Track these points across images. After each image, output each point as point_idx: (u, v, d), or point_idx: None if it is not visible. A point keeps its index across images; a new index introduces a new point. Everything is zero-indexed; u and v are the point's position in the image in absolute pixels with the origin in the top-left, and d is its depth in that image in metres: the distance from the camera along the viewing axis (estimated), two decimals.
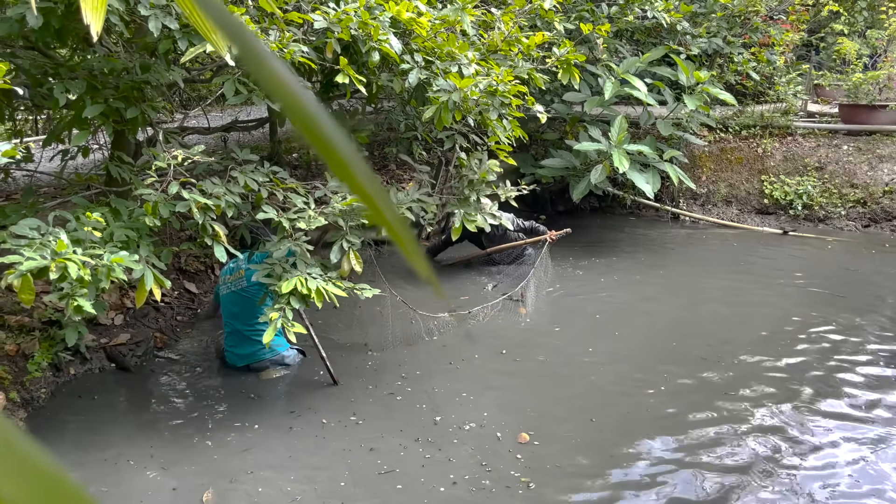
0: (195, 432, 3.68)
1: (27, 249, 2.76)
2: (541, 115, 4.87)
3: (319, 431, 3.68)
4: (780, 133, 8.31)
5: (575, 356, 4.56)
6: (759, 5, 8.09)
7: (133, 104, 3.63)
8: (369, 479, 3.28)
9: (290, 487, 3.22)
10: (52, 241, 2.81)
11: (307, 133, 0.27)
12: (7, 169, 4.08)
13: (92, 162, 5.77)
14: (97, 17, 0.80)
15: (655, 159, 6.94)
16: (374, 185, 0.29)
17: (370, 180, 0.29)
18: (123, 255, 2.96)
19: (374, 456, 3.45)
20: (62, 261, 2.76)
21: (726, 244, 7.16)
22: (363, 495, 3.16)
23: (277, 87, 0.27)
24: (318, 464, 3.40)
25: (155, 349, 4.66)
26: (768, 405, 3.88)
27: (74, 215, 3.14)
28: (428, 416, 3.82)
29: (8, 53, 3.76)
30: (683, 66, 6.96)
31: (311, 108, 0.27)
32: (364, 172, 0.28)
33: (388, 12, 3.97)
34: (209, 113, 7.07)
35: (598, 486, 3.22)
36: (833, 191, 7.72)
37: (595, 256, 6.69)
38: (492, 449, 3.49)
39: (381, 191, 0.30)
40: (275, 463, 3.41)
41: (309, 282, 3.53)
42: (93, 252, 2.92)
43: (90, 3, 0.81)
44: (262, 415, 3.86)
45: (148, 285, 3.14)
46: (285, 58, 3.51)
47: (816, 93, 9.66)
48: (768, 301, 5.48)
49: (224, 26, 0.29)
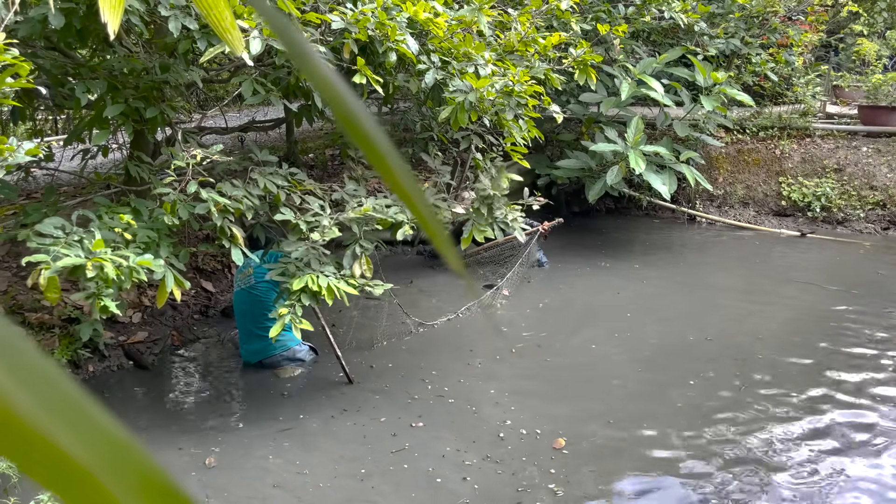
0: (211, 429, 3.71)
1: (62, 247, 2.80)
2: (557, 116, 4.86)
3: (336, 428, 3.70)
4: (798, 134, 8.24)
5: (592, 356, 4.55)
6: (777, 6, 8.03)
7: (152, 104, 3.67)
8: (393, 470, 3.29)
9: (312, 488, 3.23)
10: (87, 240, 2.85)
11: (347, 126, 0.28)
12: (28, 168, 4.13)
13: (111, 161, 5.82)
14: (115, 16, 0.81)
15: (672, 160, 6.91)
16: (409, 178, 0.30)
17: (406, 174, 0.29)
18: (148, 257, 3.01)
19: (391, 444, 3.46)
20: (98, 260, 2.81)
21: (743, 246, 7.11)
22: (388, 488, 3.18)
23: (321, 82, 0.28)
24: (340, 458, 3.42)
25: (172, 347, 4.70)
26: (800, 405, 3.85)
27: (97, 214, 3.18)
28: (449, 413, 3.83)
29: (30, 54, 3.81)
30: (700, 66, 6.92)
31: (352, 103, 0.28)
32: (400, 166, 0.29)
33: (405, 13, 3.98)
34: (226, 113, 7.12)
35: (631, 491, 3.21)
36: (852, 193, 7.65)
37: (610, 257, 6.67)
38: (528, 451, 3.49)
39: (416, 185, 0.31)
40: (295, 459, 3.43)
41: (320, 279, 3.55)
42: (119, 253, 2.96)
43: (108, 0, 0.82)
44: (279, 412, 3.88)
45: (169, 286, 3.18)
46: None
47: (835, 94, 9.57)
48: (788, 303, 5.44)
49: (270, 22, 0.30)
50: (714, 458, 3.40)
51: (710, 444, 3.52)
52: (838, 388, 4.07)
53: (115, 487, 0.22)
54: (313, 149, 8.21)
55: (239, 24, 3.14)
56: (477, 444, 3.54)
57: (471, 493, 3.17)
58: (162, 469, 0.23)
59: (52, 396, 0.22)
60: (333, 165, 7.83)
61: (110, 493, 0.22)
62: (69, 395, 0.22)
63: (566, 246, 6.87)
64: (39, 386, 0.22)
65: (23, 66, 2.61)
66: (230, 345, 4.67)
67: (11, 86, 2.63)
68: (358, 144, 0.29)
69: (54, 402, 0.22)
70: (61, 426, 0.21)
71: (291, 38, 0.29)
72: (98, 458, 0.22)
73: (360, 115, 0.28)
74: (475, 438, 3.60)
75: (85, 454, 0.21)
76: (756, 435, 3.59)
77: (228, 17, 0.58)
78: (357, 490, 3.20)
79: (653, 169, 6.73)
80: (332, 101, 0.28)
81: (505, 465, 3.36)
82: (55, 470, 0.21)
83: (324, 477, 3.29)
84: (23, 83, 2.66)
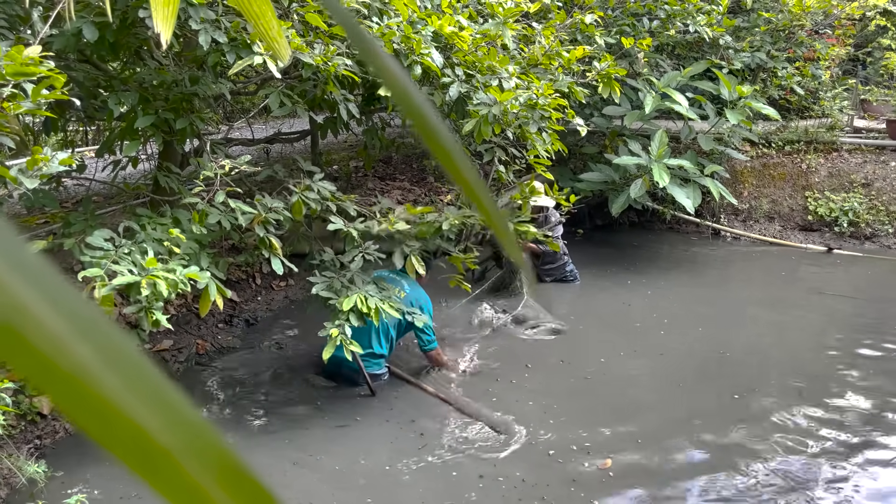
0: (235, 436, 3.73)
1: (112, 262, 2.87)
2: (581, 129, 4.86)
3: (363, 441, 3.71)
4: (825, 149, 8.15)
5: (620, 371, 4.52)
6: (804, 20, 7.97)
7: (182, 115, 3.73)
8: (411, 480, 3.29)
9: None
10: (136, 254, 2.93)
11: (415, 122, 0.29)
12: (60, 178, 4.22)
13: (139, 172, 5.92)
14: (167, 26, 0.84)
15: (696, 174, 6.87)
16: (473, 175, 0.31)
17: (470, 171, 0.30)
18: (195, 269, 3.08)
19: (419, 450, 3.46)
20: (151, 277, 2.88)
21: (769, 261, 7.03)
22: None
23: (392, 83, 0.29)
24: (369, 473, 3.42)
25: (197, 355, 4.75)
26: (830, 427, 3.80)
27: (140, 225, 3.25)
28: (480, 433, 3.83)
29: (64, 66, 3.89)
30: (725, 80, 6.88)
31: (420, 103, 0.29)
32: (465, 163, 0.30)
33: (430, 27, 4.02)
34: (252, 125, 7.21)
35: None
36: (880, 208, 7.54)
37: (633, 272, 6.63)
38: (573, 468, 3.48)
39: (481, 183, 0.32)
40: (320, 469, 3.44)
41: (369, 300, 3.59)
42: (168, 266, 3.03)
43: (160, 12, 0.85)
44: (302, 421, 3.90)
45: (212, 296, 3.24)
46: (330, 70, 3.58)
47: (863, 108, 9.46)
48: (816, 321, 5.36)
49: (344, 25, 0.31)
50: (755, 476, 3.36)
51: (750, 460, 3.48)
52: (886, 407, 4.00)
53: (191, 466, 0.23)
54: (337, 161, 8.28)
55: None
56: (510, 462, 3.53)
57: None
58: (235, 451, 0.24)
59: (134, 377, 0.23)
60: (357, 177, 7.88)
61: (187, 471, 0.23)
62: (150, 376, 0.23)
63: (589, 260, 6.84)
64: (124, 367, 0.23)
65: (58, 78, 2.67)
66: (274, 348, 4.77)
67: (46, 97, 2.69)
68: (423, 136, 0.30)
69: (137, 383, 0.23)
70: (143, 406, 0.22)
71: (367, 43, 0.30)
72: (176, 438, 0.23)
73: (428, 115, 0.29)
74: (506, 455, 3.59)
75: (164, 434, 0.22)
76: (803, 453, 3.55)
77: (276, 27, 0.60)
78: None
79: (677, 182, 6.69)
80: (399, 97, 0.29)
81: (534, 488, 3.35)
82: (136, 449, 0.22)
83: (358, 493, 3.30)
84: (58, 94, 2.72)
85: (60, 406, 0.22)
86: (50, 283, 0.23)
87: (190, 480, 0.23)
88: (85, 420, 0.22)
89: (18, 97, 2.62)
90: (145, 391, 0.23)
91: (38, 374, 0.22)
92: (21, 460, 3.29)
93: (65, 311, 0.22)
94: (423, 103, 0.29)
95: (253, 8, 0.58)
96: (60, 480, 3.31)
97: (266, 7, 0.58)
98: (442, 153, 0.29)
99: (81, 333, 0.22)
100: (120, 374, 0.22)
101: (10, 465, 3.24)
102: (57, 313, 0.22)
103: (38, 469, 3.22)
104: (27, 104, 2.62)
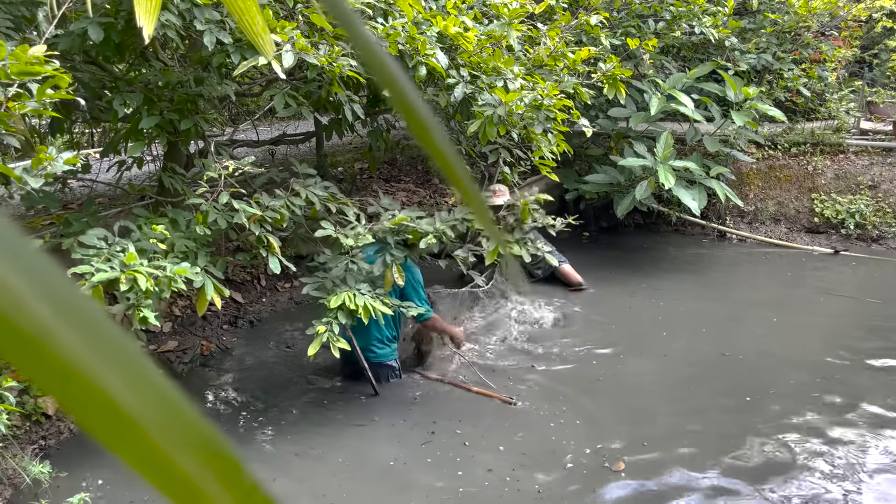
0: (239, 442, 3.73)
1: (96, 260, 2.85)
2: (586, 130, 4.85)
3: (371, 440, 3.70)
4: (831, 150, 8.12)
5: (629, 374, 4.50)
6: (810, 21, 7.94)
7: (186, 116, 3.74)
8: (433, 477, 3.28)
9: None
10: (121, 253, 2.90)
11: (409, 119, 0.28)
12: (65, 179, 4.22)
13: (144, 173, 5.93)
14: (150, 20, 0.84)
15: (702, 176, 6.84)
16: (466, 175, 0.30)
17: (463, 171, 0.30)
18: (185, 266, 3.05)
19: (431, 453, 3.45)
20: (131, 273, 2.86)
21: (776, 263, 7.00)
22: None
23: (389, 81, 0.28)
24: (382, 479, 3.42)
25: (201, 356, 4.75)
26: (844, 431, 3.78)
27: (137, 225, 3.24)
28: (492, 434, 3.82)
29: (69, 67, 3.90)
30: (731, 81, 6.86)
31: (414, 101, 0.28)
32: (457, 163, 0.29)
33: (435, 27, 4.01)
34: (257, 126, 7.22)
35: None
36: (887, 210, 7.50)
37: (639, 273, 6.61)
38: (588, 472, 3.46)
39: (472, 182, 0.31)
40: (320, 469, 3.43)
41: (357, 297, 3.57)
42: (157, 263, 3.01)
43: (143, 5, 0.84)
44: (308, 421, 3.90)
45: (209, 294, 3.22)
46: (335, 71, 3.57)
47: (870, 110, 9.42)
48: (825, 322, 5.34)
49: (341, 20, 0.30)
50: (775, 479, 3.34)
51: (765, 464, 3.46)
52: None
53: (164, 440, 0.22)
54: (342, 162, 8.29)
55: (273, 39, 3.18)
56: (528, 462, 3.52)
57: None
58: (212, 427, 0.24)
59: (128, 369, 0.22)
60: (362, 179, 7.89)
61: (160, 446, 0.22)
62: (139, 364, 0.23)
63: (596, 262, 6.82)
64: (112, 353, 0.22)
65: (63, 78, 2.67)
66: (282, 348, 4.76)
67: (51, 97, 2.69)
68: (416, 134, 0.29)
69: (132, 377, 0.22)
70: (120, 382, 0.22)
71: (362, 38, 0.29)
72: (152, 414, 0.22)
73: (419, 108, 0.28)
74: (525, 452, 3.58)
75: (139, 409, 0.22)
76: (816, 455, 3.53)
77: (260, 22, 0.59)
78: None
79: (682, 184, 6.67)
80: (395, 95, 0.29)
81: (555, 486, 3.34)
82: (112, 424, 0.22)
83: (353, 489, 3.29)
84: (63, 94, 2.72)
85: (44, 390, 0.21)
86: (42, 271, 0.22)
87: (163, 454, 0.22)
88: (74, 407, 0.22)
89: (24, 97, 2.63)
90: (137, 381, 0.22)
91: (28, 360, 0.22)
92: (25, 460, 3.29)
93: (55, 299, 0.22)
94: (411, 91, 0.29)
95: (238, 3, 0.57)
96: (64, 481, 3.31)
97: (251, 2, 0.57)
98: (437, 153, 0.28)
99: (71, 322, 0.22)
100: (103, 357, 0.21)
101: (15, 466, 3.25)
102: (47, 301, 0.22)
103: (43, 469, 3.22)
104: (32, 104, 2.62)
